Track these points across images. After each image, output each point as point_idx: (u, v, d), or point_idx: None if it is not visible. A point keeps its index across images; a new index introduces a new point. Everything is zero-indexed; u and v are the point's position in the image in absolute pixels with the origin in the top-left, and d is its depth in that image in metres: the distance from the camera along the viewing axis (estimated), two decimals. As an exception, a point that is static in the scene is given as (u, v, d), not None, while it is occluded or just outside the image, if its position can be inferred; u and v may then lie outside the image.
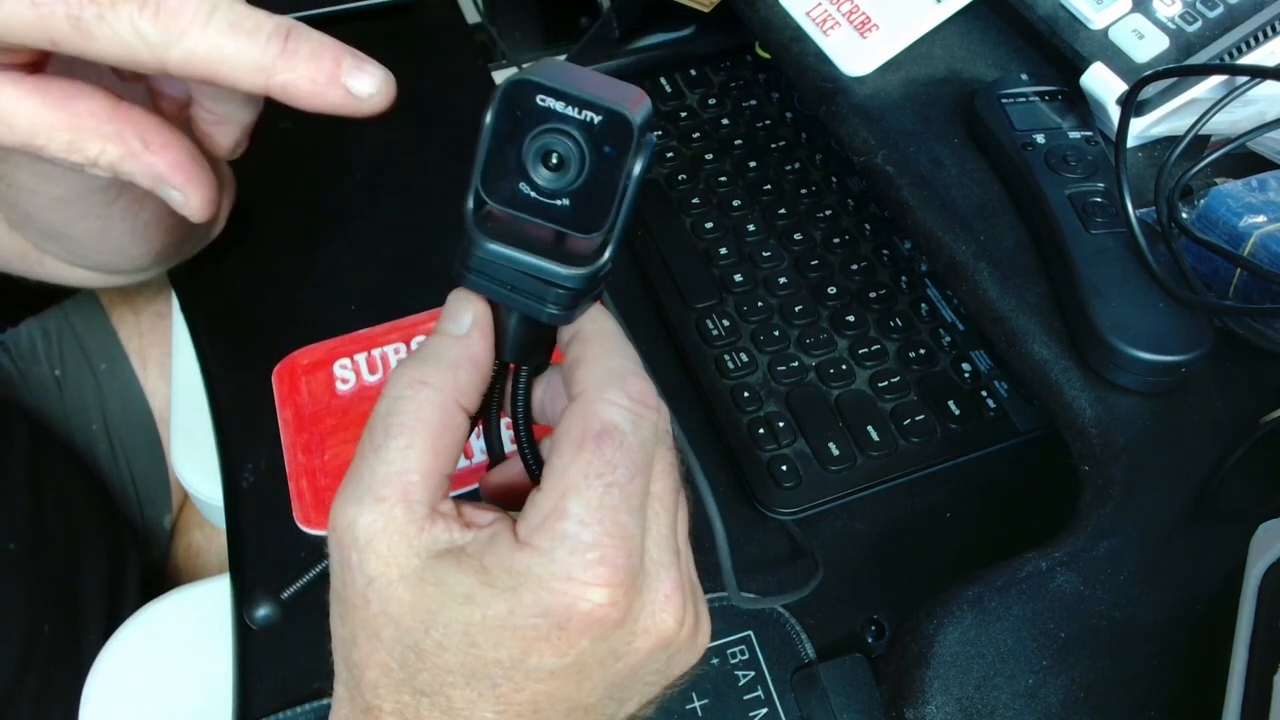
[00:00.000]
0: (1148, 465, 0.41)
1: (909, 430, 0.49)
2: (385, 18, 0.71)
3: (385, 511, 0.27)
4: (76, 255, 0.51)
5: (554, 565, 0.26)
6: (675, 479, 0.30)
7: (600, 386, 0.28)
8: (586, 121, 0.27)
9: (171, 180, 0.32)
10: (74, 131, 0.30)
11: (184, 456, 0.53)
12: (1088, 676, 0.37)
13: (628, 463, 0.27)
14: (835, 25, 0.54)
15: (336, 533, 0.28)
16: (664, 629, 0.28)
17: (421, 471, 0.28)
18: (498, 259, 0.29)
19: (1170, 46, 0.49)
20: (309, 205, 0.61)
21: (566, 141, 0.27)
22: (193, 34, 0.27)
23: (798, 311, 0.54)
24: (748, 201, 0.60)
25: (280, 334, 0.54)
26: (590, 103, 0.27)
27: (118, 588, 0.61)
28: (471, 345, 0.29)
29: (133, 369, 0.69)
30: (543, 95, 0.27)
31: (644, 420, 0.28)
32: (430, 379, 0.28)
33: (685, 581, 0.30)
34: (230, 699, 0.43)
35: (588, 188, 0.27)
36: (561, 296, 0.29)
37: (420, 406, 0.28)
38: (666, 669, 0.30)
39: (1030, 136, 0.49)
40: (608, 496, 0.27)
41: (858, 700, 0.41)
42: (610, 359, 0.29)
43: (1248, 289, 0.45)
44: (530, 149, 0.27)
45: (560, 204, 0.28)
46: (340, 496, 0.28)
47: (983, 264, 0.46)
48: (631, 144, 0.27)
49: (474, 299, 0.30)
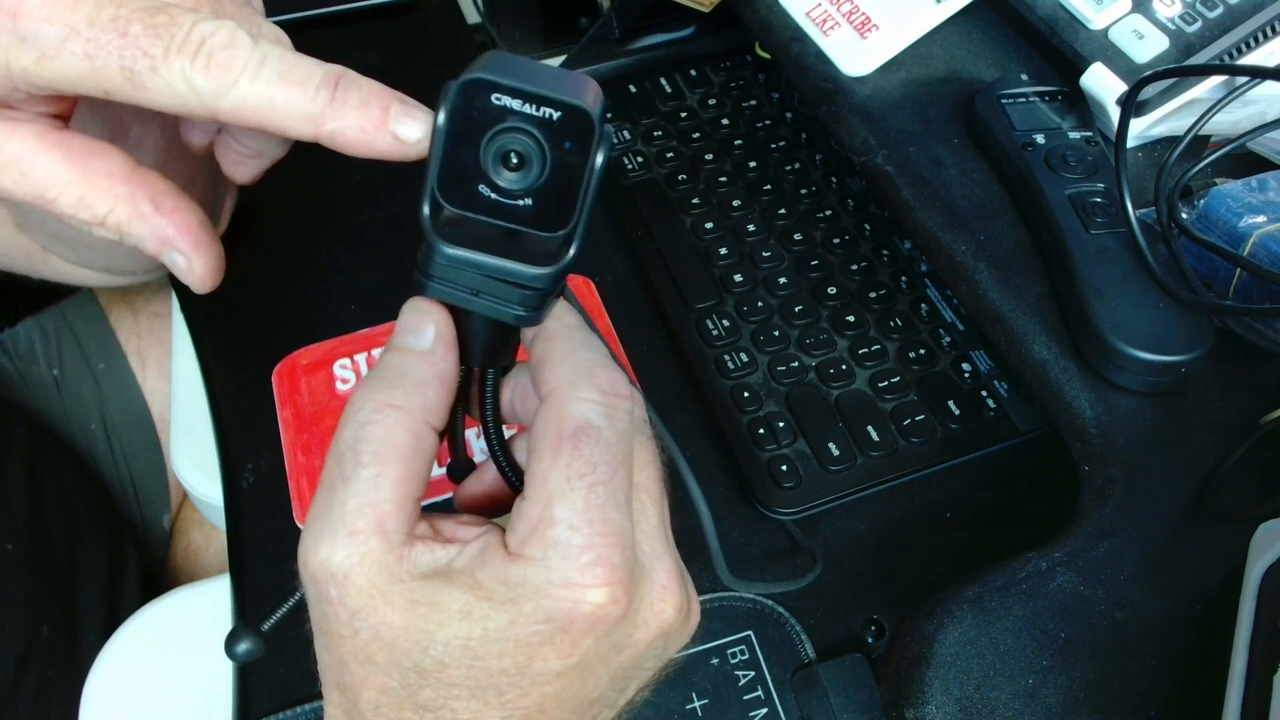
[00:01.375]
0: (1148, 465, 0.41)
1: (909, 430, 0.49)
2: (385, 18, 0.71)
3: (360, 544, 0.26)
4: (85, 258, 0.51)
5: (550, 573, 0.26)
6: (658, 467, 0.30)
7: (569, 384, 0.28)
8: (545, 118, 0.26)
9: (179, 245, 0.32)
10: (87, 189, 0.31)
11: (184, 456, 0.52)
12: (1088, 676, 0.37)
13: (607, 458, 0.27)
14: (835, 25, 0.54)
15: (309, 569, 0.27)
16: (664, 618, 0.28)
17: (394, 500, 0.27)
18: (460, 264, 0.28)
19: (1170, 47, 0.49)
20: (309, 205, 0.61)
21: (526, 140, 0.26)
22: (243, 84, 0.28)
23: (798, 311, 0.54)
24: (748, 201, 0.60)
25: (280, 334, 0.54)
26: (548, 99, 0.26)
27: (117, 588, 0.61)
28: (437, 361, 0.29)
29: (131, 369, 0.69)
30: (498, 94, 0.26)
31: (618, 411, 0.28)
32: (398, 401, 0.28)
33: (680, 570, 0.30)
34: (230, 699, 0.42)
35: (550, 186, 0.27)
36: (529, 297, 0.28)
37: (390, 431, 0.27)
38: (664, 653, 0.31)
39: (1030, 137, 0.49)
40: (593, 496, 0.27)
41: (858, 700, 0.41)
42: (576, 353, 0.29)
43: (1248, 289, 0.45)
44: (489, 150, 0.26)
45: (522, 204, 0.27)
46: (310, 531, 0.27)
47: (983, 264, 0.46)
48: (594, 138, 0.26)
49: (434, 309, 0.29)
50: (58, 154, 0.30)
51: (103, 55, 0.27)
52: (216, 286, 0.32)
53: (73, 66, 0.27)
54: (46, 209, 0.31)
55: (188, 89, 0.28)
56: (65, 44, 0.27)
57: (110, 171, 0.31)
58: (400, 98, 0.29)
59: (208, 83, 0.27)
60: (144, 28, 0.27)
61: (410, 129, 0.29)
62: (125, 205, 0.31)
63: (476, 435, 0.49)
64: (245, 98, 0.28)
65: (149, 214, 0.31)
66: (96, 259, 0.51)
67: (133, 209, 0.31)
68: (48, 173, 0.30)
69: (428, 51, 0.70)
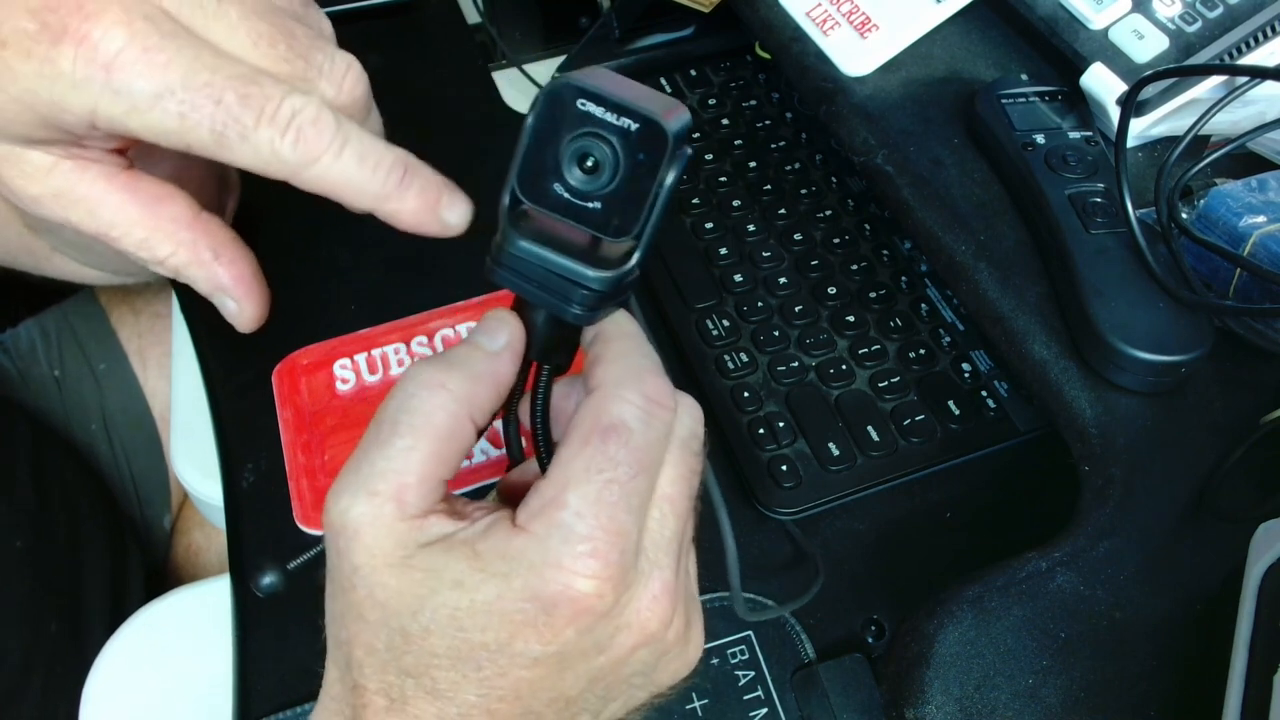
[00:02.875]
0: (1148, 465, 0.41)
1: (909, 430, 0.49)
2: (385, 18, 0.71)
3: (376, 506, 0.27)
4: (94, 261, 0.51)
5: (546, 552, 0.27)
6: (693, 486, 0.30)
7: (616, 383, 0.29)
8: (624, 128, 0.28)
9: (233, 293, 0.34)
10: (151, 232, 0.32)
11: (184, 456, 0.53)
12: (1088, 676, 0.37)
13: (631, 460, 0.28)
14: (835, 25, 0.54)
15: (329, 517, 0.28)
16: (648, 627, 0.29)
17: (419, 475, 0.28)
18: (528, 256, 0.29)
19: (1170, 47, 0.49)
20: (309, 205, 0.60)
21: (603, 146, 0.28)
22: (325, 161, 0.30)
23: (798, 311, 0.54)
24: (748, 201, 0.60)
25: (280, 334, 0.54)
26: (629, 109, 0.27)
27: (121, 587, 0.61)
28: (499, 364, 0.30)
29: (132, 369, 0.69)
30: (584, 100, 0.28)
31: (655, 419, 0.28)
32: (449, 384, 0.29)
33: (681, 588, 0.30)
34: (230, 699, 0.43)
35: (620, 192, 0.28)
36: (586, 297, 0.29)
37: (433, 409, 0.28)
38: (652, 672, 0.30)
39: (1030, 136, 0.49)
40: (606, 492, 0.27)
41: (858, 700, 0.41)
42: (629, 357, 0.30)
43: (1248, 289, 0.45)
44: (567, 151, 0.28)
45: (592, 206, 0.29)
46: (339, 482, 0.28)
47: (983, 264, 0.46)
48: (666, 153, 0.27)
49: (513, 321, 0.31)
50: (126, 196, 0.31)
51: (194, 116, 0.28)
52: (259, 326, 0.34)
53: (162, 123, 0.28)
54: (108, 244, 0.32)
55: (274, 157, 0.29)
56: (159, 101, 0.28)
57: (175, 217, 0.32)
58: (449, 185, 0.32)
59: (294, 155, 0.29)
60: (237, 97, 0.29)
61: (455, 215, 0.32)
62: (187, 251, 0.32)
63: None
64: (325, 173, 0.30)
65: (209, 262, 0.32)
66: (106, 262, 0.51)
67: (194, 255, 0.32)
68: (115, 213, 0.31)
69: (428, 51, 0.70)
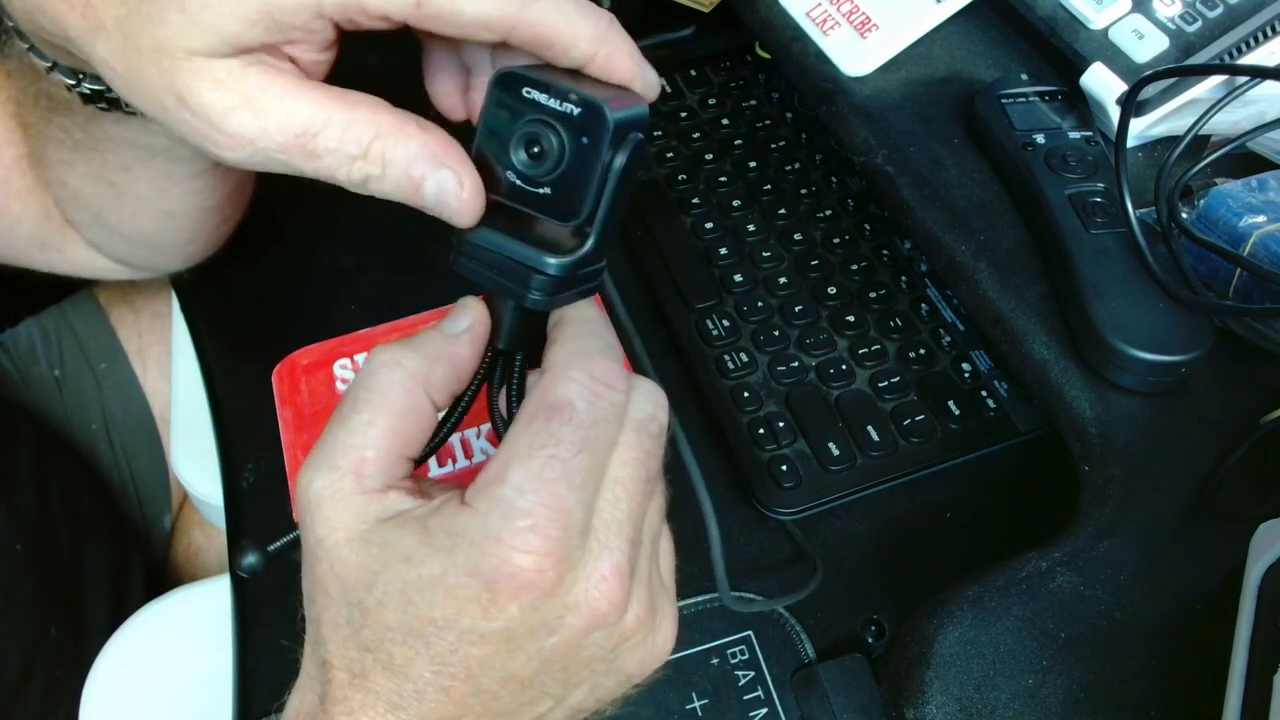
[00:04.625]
0: (1147, 465, 0.41)
1: (909, 430, 0.49)
2: (385, 18, 0.71)
3: (336, 480, 0.28)
4: (109, 246, 0.51)
5: (486, 528, 0.27)
6: (649, 468, 0.30)
7: (564, 363, 0.29)
8: (566, 113, 0.29)
9: (449, 160, 0.31)
10: (350, 118, 0.30)
11: (184, 456, 0.53)
12: (1088, 676, 0.37)
13: (574, 439, 0.28)
14: (835, 25, 0.54)
15: (298, 491, 0.29)
16: (597, 608, 0.28)
17: (378, 449, 0.29)
18: (487, 244, 0.30)
19: (1170, 46, 0.49)
20: (309, 205, 0.61)
21: (548, 131, 0.29)
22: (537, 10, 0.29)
23: (798, 311, 0.54)
24: (748, 201, 0.60)
25: (280, 334, 0.54)
26: (570, 95, 0.29)
27: (122, 588, 0.61)
28: (457, 345, 0.31)
29: (132, 369, 0.69)
30: (529, 87, 0.29)
31: (601, 399, 0.29)
32: (405, 362, 0.30)
33: (643, 574, 0.30)
34: (230, 699, 0.43)
35: (566, 176, 0.29)
36: (543, 283, 0.30)
37: (389, 386, 0.29)
38: (613, 659, 0.30)
39: (1030, 136, 0.49)
40: (548, 469, 0.27)
41: (858, 700, 0.41)
42: (581, 340, 0.30)
43: (1248, 289, 0.45)
44: (515, 137, 0.29)
45: (542, 192, 0.30)
46: (307, 460, 0.29)
47: (983, 264, 0.46)
48: (606, 135, 0.28)
49: (477, 308, 0.32)
50: (319, 93, 0.30)
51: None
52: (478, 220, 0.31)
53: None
54: (298, 153, 0.30)
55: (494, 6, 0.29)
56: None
57: (372, 104, 0.31)
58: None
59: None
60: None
61: (653, 75, 0.32)
62: (390, 124, 0.30)
63: (477, 435, 0.50)
64: (544, 14, 0.29)
65: (415, 133, 0.30)
66: (129, 254, 0.51)
67: (399, 127, 0.30)
68: (314, 109, 0.30)
69: (428, 51, 0.70)
